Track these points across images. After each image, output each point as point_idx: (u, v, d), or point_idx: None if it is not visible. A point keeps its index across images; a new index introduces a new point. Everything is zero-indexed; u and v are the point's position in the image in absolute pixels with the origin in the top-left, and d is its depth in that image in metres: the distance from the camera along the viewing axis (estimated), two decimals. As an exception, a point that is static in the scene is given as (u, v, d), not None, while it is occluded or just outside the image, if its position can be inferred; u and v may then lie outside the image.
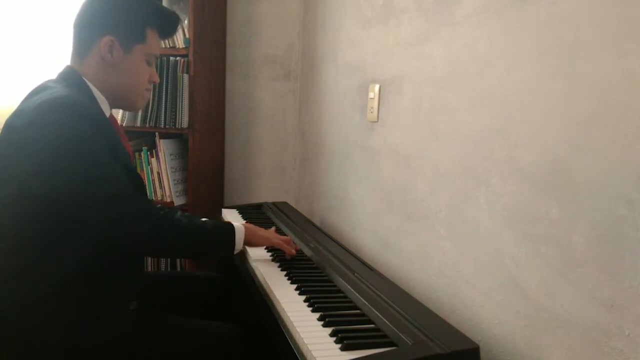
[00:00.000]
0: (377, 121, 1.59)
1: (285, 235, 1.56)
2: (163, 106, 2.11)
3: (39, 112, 1.03)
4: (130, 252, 1.16)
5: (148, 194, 1.54)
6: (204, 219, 1.22)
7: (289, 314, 1.03)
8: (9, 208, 1.06)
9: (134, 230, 1.07)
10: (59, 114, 1.03)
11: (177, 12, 1.33)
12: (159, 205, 1.58)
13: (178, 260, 2.23)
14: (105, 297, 1.12)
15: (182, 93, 2.10)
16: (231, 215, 1.89)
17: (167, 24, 1.29)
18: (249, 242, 1.28)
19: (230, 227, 1.25)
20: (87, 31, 1.19)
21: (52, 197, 1.03)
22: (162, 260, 2.27)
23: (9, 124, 1.07)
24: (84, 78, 1.18)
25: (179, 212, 1.52)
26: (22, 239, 1.06)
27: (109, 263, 1.13)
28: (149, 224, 1.09)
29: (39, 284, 1.05)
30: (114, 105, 1.25)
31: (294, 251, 1.37)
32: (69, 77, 1.17)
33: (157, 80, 1.31)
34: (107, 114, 1.22)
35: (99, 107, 1.19)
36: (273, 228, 1.49)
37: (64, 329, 1.06)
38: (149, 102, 2.09)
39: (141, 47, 1.22)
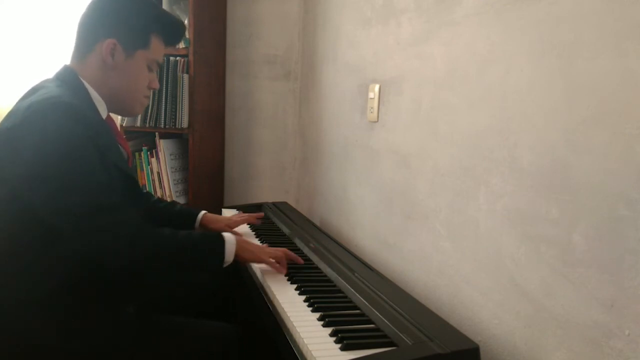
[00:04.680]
0: (377, 121, 1.59)
1: (284, 244, 1.54)
2: (163, 106, 2.11)
3: (29, 113, 1.01)
4: (107, 264, 1.05)
5: (143, 195, 1.51)
6: (192, 231, 1.16)
7: (289, 314, 1.03)
8: (4, 212, 1.05)
9: (110, 241, 1.02)
10: (48, 116, 1.01)
11: (177, 12, 1.33)
12: (156, 198, 1.58)
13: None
14: (103, 301, 1.11)
15: (182, 93, 2.10)
16: (232, 215, 1.88)
17: (172, 33, 1.29)
18: (239, 255, 1.20)
19: (219, 237, 1.18)
20: (89, 32, 1.18)
21: (36, 202, 1.01)
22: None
23: (2, 125, 1.07)
24: (81, 78, 1.16)
25: (174, 204, 1.51)
26: (17, 243, 1.05)
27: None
28: (127, 237, 1.03)
29: (36, 287, 1.04)
30: (111, 109, 1.23)
31: (284, 270, 1.29)
32: (66, 77, 1.16)
33: (157, 86, 1.29)
34: (104, 116, 1.20)
35: (95, 108, 1.17)
36: (265, 244, 1.41)
37: (63, 333, 1.06)
38: (149, 102, 2.09)
39: (144, 52, 1.21)
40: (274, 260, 1.28)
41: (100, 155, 1.06)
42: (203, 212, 1.57)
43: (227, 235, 1.20)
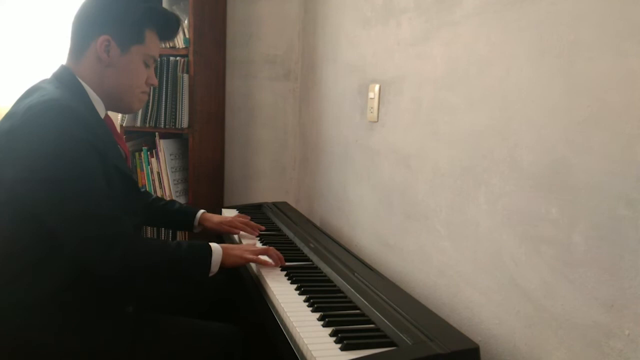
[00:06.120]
0: (377, 121, 1.59)
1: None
2: (163, 106, 2.11)
3: (28, 116, 1.01)
4: (98, 273, 1.07)
5: (141, 194, 1.50)
6: (181, 241, 1.17)
7: (289, 314, 1.03)
8: (3, 214, 1.05)
9: (103, 254, 1.03)
10: (48, 119, 1.01)
11: (177, 12, 1.33)
12: (154, 197, 1.58)
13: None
14: (103, 301, 1.11)
15: (182, 93, 2.10)
16: (231, 216, 1.88)
17: (167, 27, 1.28)
18: (225, 263, 1.20)
19: (206, 247, 1.19)
20: (83, 30, 1.17)
21: (34, 205, 1.02)
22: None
23: (0, 126, 1.07)
24: (78, 78, 1.16)
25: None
26: (15, 245, 1.05)
27: None
28: (118, 248, 1.04)
29: (36, 288, 1.05)
30: (109, 107, 1.23)
31: (279, 262, 1.30)
32: (63, 77, 1.16)
33: (155, 82, 1.29)
34: (102, 115, 1.20)
35: (93, 108, 1.17)
36: (253, 241, 1.43)
37: (62, 333, 1.06)
38: (149, 102, 2.09)
39: (139, 47, 1.20)
40: (260, 257, 1.28)
41: (100, 158, 1.07)
42: (202, 211, 1.58)
43: (214, 246, 1.20)
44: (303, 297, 1.13)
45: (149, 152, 2.17)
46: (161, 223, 1.75)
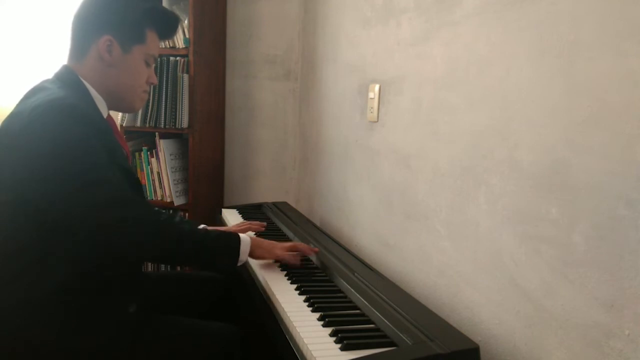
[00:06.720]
0: (377, 121, 1.59)
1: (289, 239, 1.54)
2: (163, 106, 2.11)
3: (34, 115, 1.01)
4: (129, 256, 1.12)
5: (146, 196, 1.50)
6: (209, 229, 1.18)
7: (289, 314, 1.03)
8: (4, 214, 1.06)
9: (133, 234, 1.04)
10: (53, 118, 1.02)
11: (177, 12, 1.34)
12: (157, 209, 1.58)
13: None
14: (103, 301, 1.11)
15: (182, 93, 2.10)
16: (231, 216, 1.89)
17: (167, 25, 1.29)
18: (253, 254, 1.24)
19: (236, 236, 1.21)
20: (85, 30, 1.18)
21: (47, 202, 1.02)
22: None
23: (4, 127, 1.06)
24: (80, 78, 1.17)
25: (179, 217, 1.52)
26: (18, 244, 1.05)
27: (106, 267, 1.12)
28: (148, 228, 1.06)
29: (36, 288, 1.05)
30: (110, 106, 1.24)
31: (298, 262, 1.32)
32: (66, 77, 1.16)
33: (155, 81, 1.30)
34: (105, 115, 1.21)
35: (96, 107, 1.18)
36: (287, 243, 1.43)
37: (63, 333, 1.06)
38: (149, 102, 2.09)
39: (140, 47, 1.21)
40: (289, 254, 1.30)
41: (108, 154, 1.08)
42: (202, 226, 1.57)
43: (242, 235, 1.22)
44: (303, 297, 1.13)
45: (149, 152, 2.17)
46: None
